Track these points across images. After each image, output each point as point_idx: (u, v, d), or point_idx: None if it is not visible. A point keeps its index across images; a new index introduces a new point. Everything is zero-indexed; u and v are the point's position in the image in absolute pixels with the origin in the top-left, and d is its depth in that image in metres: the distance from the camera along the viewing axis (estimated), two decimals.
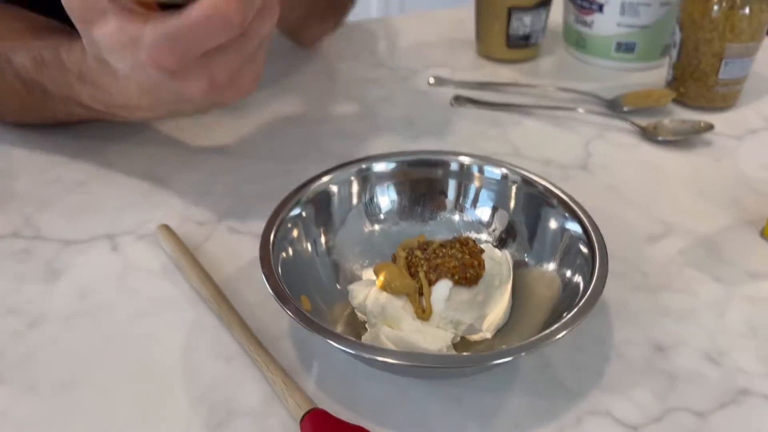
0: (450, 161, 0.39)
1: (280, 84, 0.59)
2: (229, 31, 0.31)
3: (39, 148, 0.49)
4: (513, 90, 0.58)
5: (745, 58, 0.52)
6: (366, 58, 0.64)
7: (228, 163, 0.48)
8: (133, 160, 0.48)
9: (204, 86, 0.34)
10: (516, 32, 0.60)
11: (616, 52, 0.60)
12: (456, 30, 0.69)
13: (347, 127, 0.53)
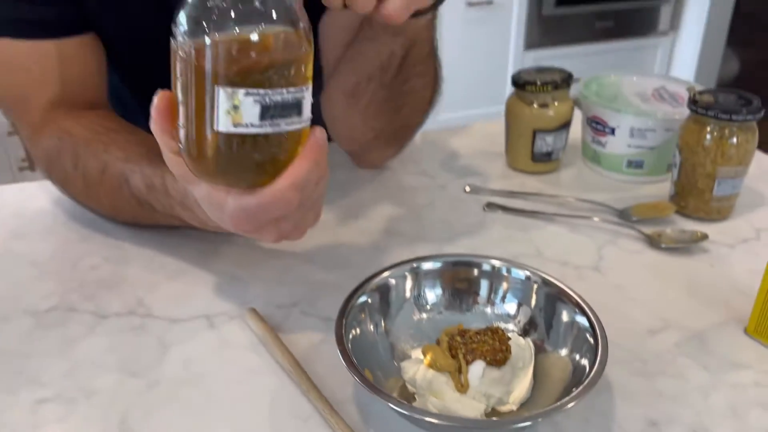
0: (483, 263, 0.48)
1: (340, 189, 0.70)
2: (290, 208, 0.41)
3: (146, 242, 0.60)
4: (537, 198, 0.68)
5: (735, 179, 0.61)
6: (411, 168, 0.75)
7: (299, 257, 0.58)
8: (223, 253, 0.59)
9: (273, 238, 0.44)
10: (540, 150, 0.71)
11: (627, 168, 0.70)
12: (489, 143, 0.80)
13: (398, 227, 0.63)
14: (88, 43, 0.63)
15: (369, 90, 0.61)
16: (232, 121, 0.37)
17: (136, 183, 0.55)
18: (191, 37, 0.37)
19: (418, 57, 0.58)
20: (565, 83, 0.68)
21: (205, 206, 0.45)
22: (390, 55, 0.57)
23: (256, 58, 0.37)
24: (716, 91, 0.62)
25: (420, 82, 0.61)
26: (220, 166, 0.40)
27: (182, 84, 0.39)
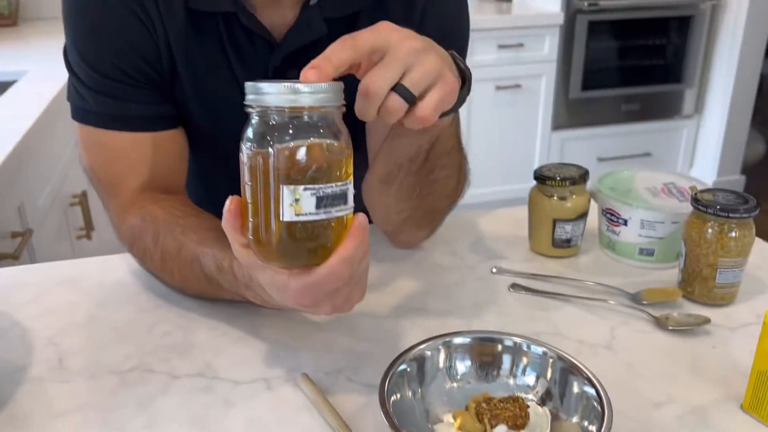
0: (506, 340, 0.56)
1: (378, 267, 0.78)
2: (342, 281, 0.51)
3: (211, 312, 0.69)
4: (557, 281, 0.75)
5: (736, 269, 0.68)
6: (443, 248, 0.83)
7: (343, 329, 0.66)
8: (276, 324, 0.67)
9: (328, 310, 0.54)
10: (559, 237, 0.78)
11: (639, 256, 0.77)
12: (514, 227, 0.88)
13: (431, 304, 0.71)
14: (177, 136, 0.75)
15: (399, 177, 0.70)
16: (294, 211, 0.47)
17: (207, 263, 0.64)
18: (258, 148, 0.48)
19: (442, 150, 0.67)
20: (581, 179, 0.77)
21: (268, 289, 0.54)
22: (417, 149, 0.66)
23: (310, 162, 0.47)
24: (716, 191, 0.70)
25: (444, 173, 0.70)
26: (284, 250, 0.49)
27: (251, 187, 0.49)
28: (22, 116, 1.36)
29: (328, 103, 0.47)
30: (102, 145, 0.73)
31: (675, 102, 3.12)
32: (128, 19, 0.68)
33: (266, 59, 0.73)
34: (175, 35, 0.70)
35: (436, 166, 0.69)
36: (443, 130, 0.65)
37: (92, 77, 0.70)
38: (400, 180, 0.70)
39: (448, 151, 0.68)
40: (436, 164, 0.68)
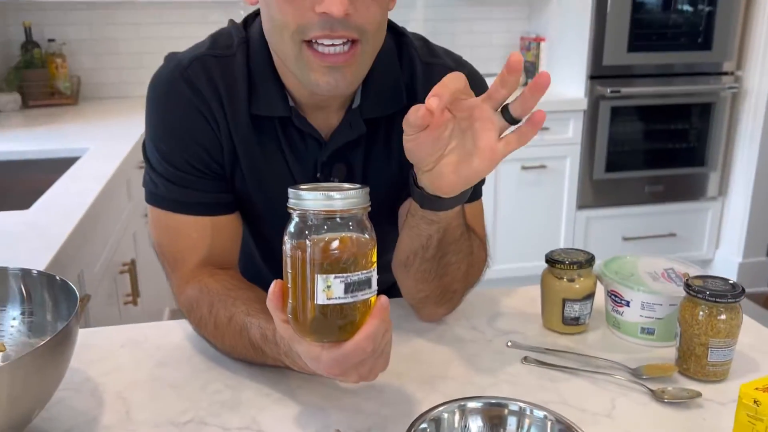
0: (511, 404, 0.64)
1: (404, 338, 0.87)
2: (366, 354, 0.60)
3: (256, 374, 0.78)
4: (566, 356, 0.83)
5: (725, 349, 0.75)
6: (464, 323, 0.92)
7: (370, 393, 0.75)
8: (311, 388, 0.76)
9: (355, 379, 0.64)
10: (569, 315, 0.87)
11: (640, 334, 0.85)
12: (529, 305, 0.96)
13: (450, 372, 0.79)
14: (233, 221, 0.87)
15: (416, 263, 0.80)
16: (326, 296, 0.58)
17: (254, 332, 0.74)
18: (298, 242, 0.59)
19: (451, 239, 0.78)
20: (588, 263, 0.86)
21: (304, 358, 0.64)
22: (428, 238, 0.77)
23: (340, 255, 0.58)
24: (707, 278, 0.78)
25: (455, 258, 0.80)
26: (317, 328, 0.60)
27: (291, 275, 0.60)
28: (86, 191, 1.51)
29: (357, 206, 0.59)
30: (168, 225, 0.85)
31: (699, 184, 3.19)
32: (198, 122, 0.82)
33: (316, 155, 0.85)
34: (240, 135, 0.83)
35: (447, 252, 0.79)
36: (450, 222, 0.75)
37: (165, 168, 0.83)
38: (417, 265, 0.80)
39: (457, 239, 0.78)
40: (447, 251, 0.78)
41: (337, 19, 0.70)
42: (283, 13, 0.72)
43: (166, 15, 2.99)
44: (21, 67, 2.73)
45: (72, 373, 0.77)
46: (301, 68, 0.76)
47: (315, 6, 0.70)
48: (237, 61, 0.83)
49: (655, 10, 2.89)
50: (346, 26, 0.71)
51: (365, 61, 0.77)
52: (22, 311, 0.73)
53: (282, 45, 0.76)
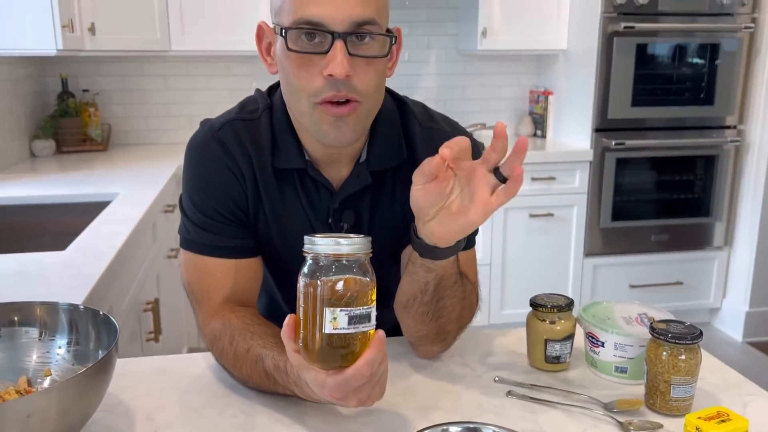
0: (485, 428, 0.73)
1: (401, 373, 0.96)
2: (365, 380, 0.71)
3: (267, 401, 0.88)
4: (547, 390, 0.92)
5: (686, 386, 0.84)
6: (457, 359, 1.01)
7: (369, 420, 0.84)
8: (319, 414, 0.86)
9: (355, 403, 0.74)
10: (551, 354, 0.96)
11: (615, 372, 0.94)
12: (517, 345, 1.06)
13: (441, 403, 0.89)
14: (255, 264, 0.98)
15: (414, 306, 0.91)
16: (332, 326, 0.68)
17: (268, 363, 0.84)
18: (310, 280, 0.70)
19: (446, 284, 0.88)
20: (567, 307, 0.96)
21: (311, 384, 0.74)
22: (425, 284, 0.87)
23: (345, 291, 0.69)
24: (670, 322, 0.87)
25: (450, 302, 0.90)
26: (323, 355, 0.70)
27: (303, 309, 0.71)
28: (116, 234, 1.64)
29: (360, 251, 0.70)
30: (198, 266, 0.96)
31: (705, 234, 3.26)
32: (227, 178, 0.94)
33: (328, 202, 0.98)
34: (264, 185, 0.96)
35: (443, 297, 0.89)
36: (445, 270, 0.86)
37: (197, 217, 0.95)
38: (416, 308, 0.90)
39: (451, 285, 0.89)
40: (443, 295, 0.89)
41: (341, 80, 0.83)
42: (298, 78, 0.86)
43: (193, 67, 3.17)
44: (57, 115, 2.91)
45: (107, 397, 0.88)
46: (313, 123, 0.89)
47: (323, 70, 0.83)
48: (262, 123, 0.97)
49: (657, 66, 3.02)
50: (348, 87, 0.85)
51: (365, 116, 0.90)
52: (68, 341, 0.84)
53: (299, 105, 0.89)
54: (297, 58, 0.85)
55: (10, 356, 0.83)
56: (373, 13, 0.84)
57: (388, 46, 0.88)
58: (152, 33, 2.79)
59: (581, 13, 3.06)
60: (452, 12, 3.36)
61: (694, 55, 3.04)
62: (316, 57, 0.84)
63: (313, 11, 0.82)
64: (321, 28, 0.82)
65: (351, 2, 0.82)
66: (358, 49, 0.84)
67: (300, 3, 0.83)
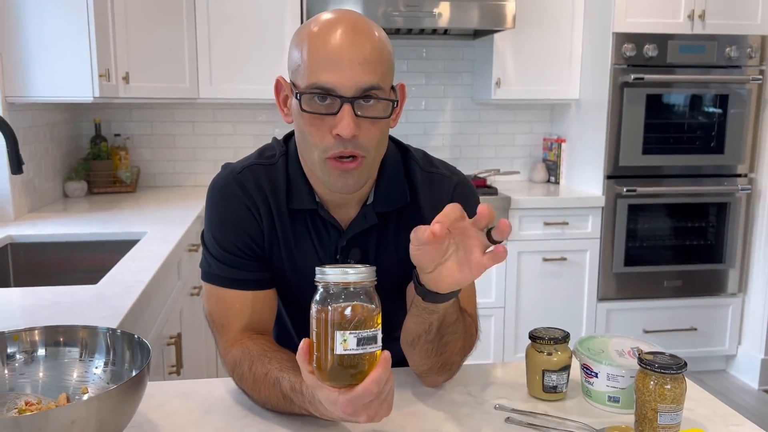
0: None
1: (408, 400, 1.03)
2: (373, 396, 0.78)
3: (283, 421, 0.96)
4: (543, 417, 0.98)
5: (672, 413, 0.90)
6: (460, 389, 1.08)
7: None
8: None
9: (365, 419, 0.81)
10: (548, 384, 1.03)
11: (608, 402, 1.00)
12: (518, 376, 1.12)
13: (444, 426, 0.95)
14: (270, 295, 1.07)
15: (419, 343, 0.98)
16: (343, 348, 0.76)
17: (285, 385, 0.92)
18: (322, 307, 0.78)
19: (448, 323, 0.96)
20: (563, 340, 1.03)
21: (324, 402, 0.82)
22: (429, 324, 0.95)
23: (353, 316, 0.77)
24: (656, 353, 0.94)
25: (452, 338, 0.98)
26: (335, 375, 0.78)
27: (316, 333, 0.79)
28: (144, 270, 1.74)
29: (366, 280, 0.78)
30: (218, 297, 1.05)
31: (718, 280, 3.29)
32: (246, 216, 1.04)
33: (336, 240, 1.06)
34: (280, 224, 1.05)
35: (445, 334, 0.97)
36: (447, 310, 0.94)
37: (218, 251, 1.04)
38: (421, 345, 0.98)
39: (453, 323, 0.97)
40: (445, 332, 0.97)
41: (348, 139, 0.93)
42: (311, 135, 0.96)
43: (220, 114, 3.33)
44: (89, 158, 3.06)
45: (136, 416, 0.96)
46: (324, 174, 0.99)
47: (332, 130, 0.93)
48: (278, 168, 1.07)
49: (667, 115, 3.11)
50: (354, 144, 0.95)
51: (368, 167, 1.00)
52: (105, 361, 0.93)
53: (311, 156, 0.99)
54: (310, 117, 0.95)
55: (53, 375, 0.92)
56: (378, 79, 0.94)
57: (391, 108, 0.97)
58: (182, 82, 2.95)
59: (592, 64, 3.17)
60: (467, 63, 3.49)
61: (704, 105, 3.13)
62: (327, 117, 0.94)
63: (326, 78, 0.92)
64: (332, 93, 0.93)
65: (359, 71, 0.92)
66: (364, 111, 0.94)
67: (314, 70, 0.93)
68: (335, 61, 0.92)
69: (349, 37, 0.93)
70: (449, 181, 1.11)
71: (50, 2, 2.31)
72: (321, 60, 0.93)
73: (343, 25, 0.94)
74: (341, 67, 0.92)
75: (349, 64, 0.92)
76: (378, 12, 2.88)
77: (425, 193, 1.07)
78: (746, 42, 3.07)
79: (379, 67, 0.94)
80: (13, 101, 2.35)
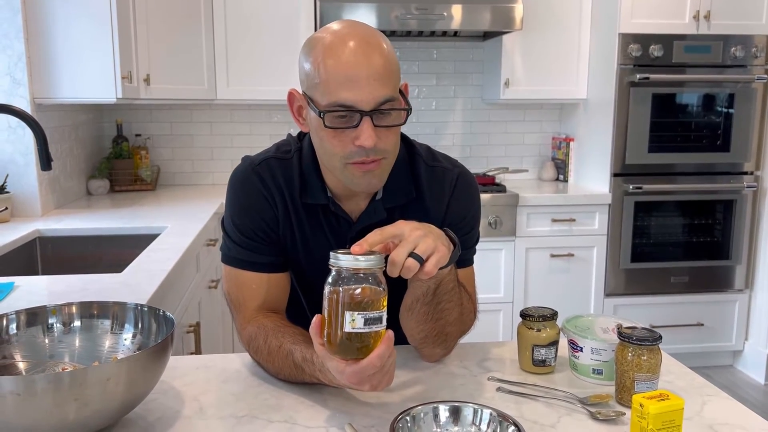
0: (466, 407, 0.89)
1: (410, 376, 1.12)
2: (377, 369, 0.87)
3: (295, 388, 1.05)
4: (532, 387, 1.07)
5: (648, 382, 0.99)
6: (457, 363, 1.17)
7: (379, 403, 1.00)
8: (337, 400, 1.02)
9: (368, 388, 0.90)
10: (537, 358, 1.11)
11: (592, 374, 1.08)
12: (512, 352, 1.21)
13: (440, 396, 1.04)
14: (284, 278, 1.17)
15: (417, 307, 1.07)
16: (351, 326, 0.85)
17: (297, 355, 1.02)
18: (334, 288, 0.87)
19: (444, 290, 1.04)
20: (552, 317, 1.11)
21: (332, 372, 0.91)
22: (427, 289, 1.03)
23: (362, 298, 0.86)
24: (634, 328, 1.02)
25: (449, 305, 1.06)
26: (343, 349, 0.87)
27: (328, 311, 0.88)
28: (166, 260, 1.84)
29: (375, 266, 0.87)
30: (236, 278, 1.15)
31: (725, 276, 3.34)
32: (264, 204, 1.14)
33: (347, 232, 1.16)
34: (294, 216, 1.15)
35: (441, 300, 1.05)
36: (444, 277, 1.03)
37: (237, 236, 1.14)
38: (418, 308, 1.07)
39: (450, 290, 1.05)
40: (442, 299, 1.05)
41: (370, 148, 1.02)
42: (332, 145, 1.05)
43: (237, 115, 3.44)
44: (111, 157, 3.19)
45: (161, 384, 1.06)
46: (347, 177, 1.08)
47: (354, 141, 1.02)
48: (293, 163, 1.16)
49: (673, 114, 3.17)
50: (375, 152, 1.04)
51: (388, 167, 1.10)
52: (133, 333, 1.03)
53: (332, 162, 1.08)
54: (332, 131, 1.03)
55: (87, 344, 1.02)
56: (392, 91, 1.02)
57: (405, 116, 1.06)
58: (200, 83, 3.06)
59: (599, 65, 3.24)
60: (477, 64, 3.58)
61: (710, 104, 3.19)
62: (348, 129, 1.02)
63: (345, 96, 1.00)
64: (352, 109, 1.01)
65: (376, 86, 1.00)
66: (381, 121, 1.03)
67: (335, 89, 1.00)
68: (353, 79, 0.99)
69: (364, 54, 1.00)
70: (450, 173, 1.20)
71: (76, 9, 2.43)
72: (339, 79, 1.00)
73: (356, 40, 1.01)
74: (360, 84, 0.99)
75: (366, 81, 0.99)
76: (391, 15, 2.98)
77: (428, 187, 1.16)
78: (752, 42, 3.12)
79: (392, 80, 1.03)
80: (41, 102, 2.47)
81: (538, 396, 1.04)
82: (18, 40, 2.39)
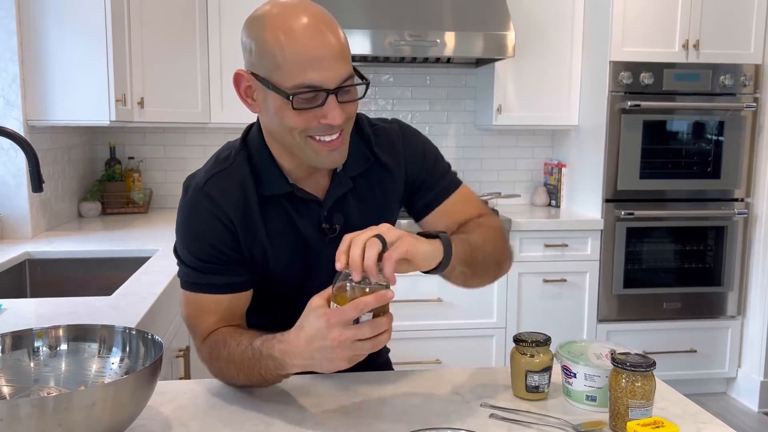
0: None
1: (414, 410, 1.11)
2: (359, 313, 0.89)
3: (284, 412, 1.04)
4: (527, 414, 1.06)
5: (643, 409, 0.97)
6: (452, 390, 1.16)
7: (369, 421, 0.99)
8: (322, 419, 1.01)
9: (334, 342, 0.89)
10: (530, 384, 1.10)
11: (586, 401, 1.07)
12: (503, 380, 1.20)
13: (432, 421, 1.03)
14: (243, 297, 1.15)
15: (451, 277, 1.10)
16: None
17: (256, 342, 1.01)
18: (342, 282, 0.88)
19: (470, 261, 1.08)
20: (545, 342, 1.10)
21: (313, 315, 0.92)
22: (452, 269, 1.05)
23: None
24: (628, 354, 1.01)
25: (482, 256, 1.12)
26: None
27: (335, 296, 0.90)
28: (156, 283, 1.83)
29: None
30: (195, 302, 1.14)
31: (717, 303, 3.34)
32: (216, 226, 1.11)
33: (317, 212, 1.16)
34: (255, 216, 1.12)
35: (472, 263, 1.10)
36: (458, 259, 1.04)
37: (192, 261, 1.12)
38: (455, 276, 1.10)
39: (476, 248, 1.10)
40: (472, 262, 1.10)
41: (336, 125, 1.03)
42: (294, 122, 1.04)
43: (231, 137, 3.43)
44: (104, 180, 3.18)
45: (148, 409, 1.04)
46: (307, 154, 1.08)
47: (321, 119, 1.03)
48: (238, 164, 1.14)
49: (664, 141, 3.20)
50: (339, 126, 1.04)
51: (348, 137, 1.11)
52: (121, 358, 1.01)
53: (290, 139, 1.07)
54: (297, 110, 1.02)
55: (74, 368, 1.00)
56: (350, 66, 1.05)
57: (365, 89, 1.08)
58: (194, 107, 3.07)
59: (590, 92, 3.27)
60: (470, 90, 3.60)
61: (700, 131, 3.22)
62: (314, 108, 1.03)
63: (313, 77, 1.00)
64: (319, 89, 1.01)
65: (338, 64, 1.01)
66: (345, 97, 1.05)
67: (301, 70, 0.99)
68: (318, 59, 1.00)
69: (322, 33, 1.01)
70: (392, 128, 1.24)
71: (71, 32, 2.44)
72: (304, 60, 1.00)
73: (310, 19, 1.01)
74: (324, 64, 1.00)
75: (331, 60, 1.01)
76: (385, 42, 3.00)
77: (381, 148, 1.20)
78: (740, 70, 3.16)
79: (348, 55, 1.05)
80: (34, 124, 2.47)
81: (532, 423, 1.03)
82: (12, 63, 2.39)
